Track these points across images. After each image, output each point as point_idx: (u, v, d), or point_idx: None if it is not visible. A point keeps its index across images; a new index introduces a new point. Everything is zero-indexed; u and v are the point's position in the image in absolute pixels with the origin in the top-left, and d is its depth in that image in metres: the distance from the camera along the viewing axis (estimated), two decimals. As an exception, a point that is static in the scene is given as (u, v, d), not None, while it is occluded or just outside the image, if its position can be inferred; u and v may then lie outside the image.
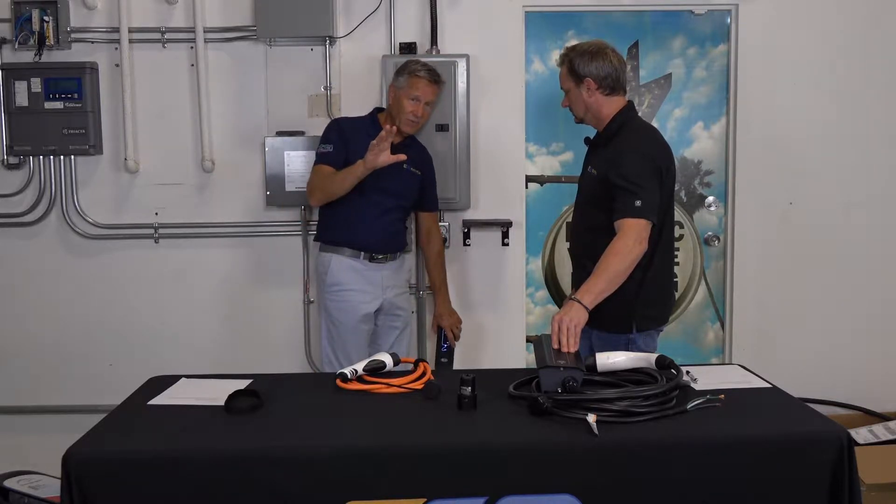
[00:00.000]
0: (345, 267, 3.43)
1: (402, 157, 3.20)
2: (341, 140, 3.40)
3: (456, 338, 3.75)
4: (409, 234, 3.83)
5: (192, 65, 3.83)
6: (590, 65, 2.89)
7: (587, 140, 3.07)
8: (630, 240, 2.68)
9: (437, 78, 3.44)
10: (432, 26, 3.81)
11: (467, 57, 3.77)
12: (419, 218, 3.72)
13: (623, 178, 2.74)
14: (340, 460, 2.08)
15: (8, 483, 3.07)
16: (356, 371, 2.56)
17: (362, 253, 3.43)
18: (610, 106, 2.92)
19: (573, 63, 2.91)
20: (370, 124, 3.47)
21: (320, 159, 3.42)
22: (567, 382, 2.28)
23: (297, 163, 3.77)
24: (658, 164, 2.82)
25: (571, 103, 2.99)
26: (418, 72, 3.39)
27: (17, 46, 3.75)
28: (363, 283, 3.45)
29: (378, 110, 3.58)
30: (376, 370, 2.60)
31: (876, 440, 3.67)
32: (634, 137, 2.87)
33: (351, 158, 3.33)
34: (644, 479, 2.10)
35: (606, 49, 2.92)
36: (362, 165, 3.20)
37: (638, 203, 2.71)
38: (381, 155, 3.15)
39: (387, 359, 2.64)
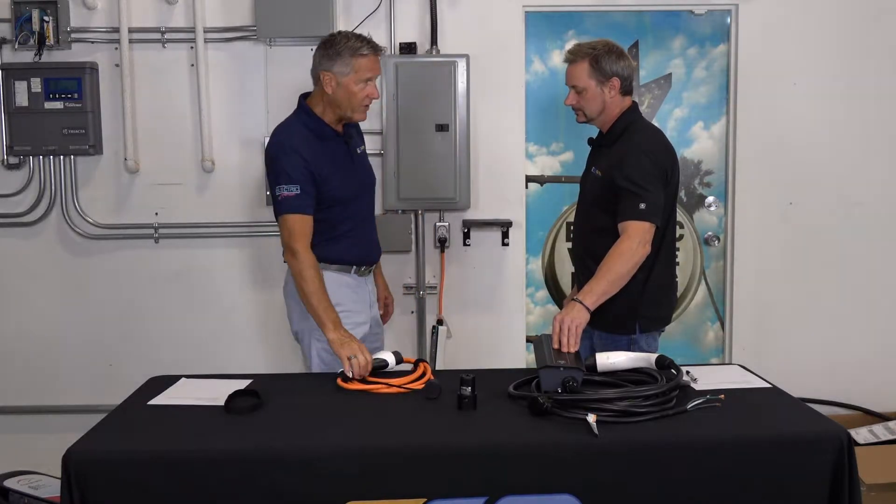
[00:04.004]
0: (339, 284, 2.95)
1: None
2: (305, 170, 2.82)
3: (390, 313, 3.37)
4: (409, 234, 3.84)
5: (192, 65, 3.83)
6: (617, 63, 2.86)
7: (591, 140, 3.06)
8: (634, 242, 2.68)
9: (378, 47, 2.92)
10: (432, 26, 3.81)
11: (467, 57, 3.76)
12: None
13: (628, 179, 2.74)
14: (340, 460, 2.08)
15: (8, 483, 3.07)
16: (356, 371, 2.55)
17: (353, 266, 3.01)
18: (618, 106, 2.91)
19: (600, 61, 2.85)
20: (309, 120, 2.94)
21: (289, 207, 2.81)
22: (567, 382, 2.29)
23: (296, 163, 3.73)
24: (663, 167, 2.81)
25: (586, 102, 2.90)
26: (361, 49, 2.84)
27: (17, 46, 3.75)
28: (356, 301, 3.02)
29: (304, 97, 3.01)
30: (377, 370, 2.60)
31: (876, 440, 3.67)
32: (639, 139, 2.86)
33: (319, 176, 2.85)
34: (644, 479, 2.10)
35: (624, 50, 2.93)
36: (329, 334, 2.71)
37: (642, 206, 2.71)
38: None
39: (389, 357, 2.64)
